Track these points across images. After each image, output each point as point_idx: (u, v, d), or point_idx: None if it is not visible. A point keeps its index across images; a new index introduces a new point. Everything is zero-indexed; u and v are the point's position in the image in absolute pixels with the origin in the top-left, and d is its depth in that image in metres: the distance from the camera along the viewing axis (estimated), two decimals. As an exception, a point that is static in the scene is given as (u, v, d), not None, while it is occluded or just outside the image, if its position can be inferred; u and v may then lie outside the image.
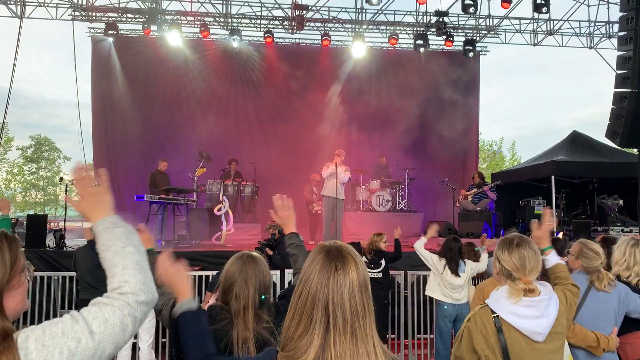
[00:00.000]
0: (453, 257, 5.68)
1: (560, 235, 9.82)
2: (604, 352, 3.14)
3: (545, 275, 2.79)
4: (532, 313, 2.28)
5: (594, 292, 3.33)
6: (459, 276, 5.64)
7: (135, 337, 5.99)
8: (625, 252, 3.60)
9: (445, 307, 5.70)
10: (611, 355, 3.22)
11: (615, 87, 12.99)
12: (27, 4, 13.60)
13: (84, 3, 13.93)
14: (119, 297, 1.32)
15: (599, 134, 13.66)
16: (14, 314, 1.34)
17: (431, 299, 6.38)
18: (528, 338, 2.27)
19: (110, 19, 14.25)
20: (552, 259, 2.85)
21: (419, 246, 5.89)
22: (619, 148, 13.14)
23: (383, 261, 6.40)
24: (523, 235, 2.53)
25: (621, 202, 11.59)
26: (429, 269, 6.00)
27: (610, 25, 15.34)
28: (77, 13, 14.10)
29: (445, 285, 5.68)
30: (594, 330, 3.22)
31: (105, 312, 1.28)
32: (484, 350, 2.29)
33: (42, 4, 13.73)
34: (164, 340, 6.64)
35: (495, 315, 2.32)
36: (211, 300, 5.52)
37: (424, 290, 6.28)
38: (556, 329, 2.34)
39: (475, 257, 5.89)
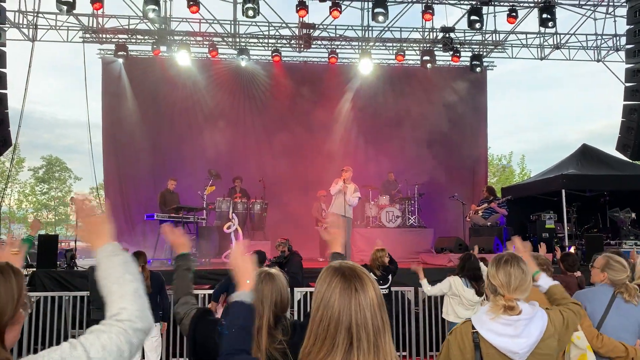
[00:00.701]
0: (475, 275, 5.61)
1: (572, 249, 9.72)
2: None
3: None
4: (509, 332, 2.26)
5: (619, 304, 3.31)
6: (481, 293, 5.57)
7: (143, 356, 5.97)
8: None
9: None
10: None
11: (625, 99, 12.97)
12: (38, 27, 13.84)
13: (95, 25, 14.15)
14: (116, 323, 1.36)
15: (608, 147, 13.61)
16: (10, 346, 1.39)
17: (443, 320, 6.31)
18: (506, 357, 2.26)
19: (120, 40, 14.47)
20: (544, 283, 2.82)
21: (427, 290, 5.91)
22: (630, 161, 13.06)
23: (390, 276, 6.37)
24: (516, 254, 2.52)
25: (634, 215, 11.47)
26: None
27: (618, 38, 15.33)
28: (87, 35, 14.32)
29: (463, 303, 5.61)
30: (621, 340, 3.20)
31: (102, 339, 1.31)
32: None
33: (53, 27, 13.97)
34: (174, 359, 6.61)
35: (474, 330, 2.33)
36: (219, 311, 5.50)
37: (435, 307, 6.23)
38: (541, 350, 2.30)
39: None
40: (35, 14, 13.67)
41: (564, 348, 2.61)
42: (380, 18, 12.59)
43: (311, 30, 14.08)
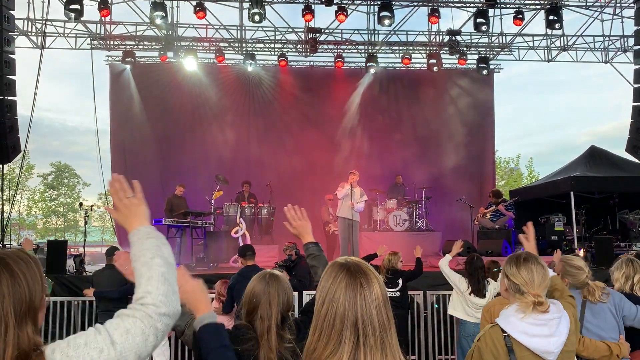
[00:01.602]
0: (478, 276, 5.57)
1: (581, 252, 9.65)
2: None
3: None
4: (542, 332, 2.24)
5: (590, 305, 3.36)
6: (484, 296, 5.53)
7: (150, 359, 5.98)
8: (622, 267, 3.72)
9: (467, 325, 5.59)
10: None
11: (634, 100, 12.88)
12: (47, 34, 13.96)
13: (102, 32, 14.26)
14: (140, 308, 1.34)
15: (617, 149, 13.51)
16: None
17: (452, 318, 6.28)
18: (539, 357, 2.24)
19: (128, 47, 14.57)
20: None
21: (444, 264, 5.86)
22: (639, 162, 12.96)
23: (400, 280, 6.34)
24: (531, 252, 2.55)
25: (644, 217, 11.39)
26: (450, 288, 5.91)
27: (625, 39, 15.25)
28: (95, 42, 14.44)
29: (468, 305, 5.58)
30: (602, 339, 3.24)
31: (126, 323, 1.30)
32: None
33: (61, 35, 14.10)
34: (182, 364, 6.62)
35: (505, 334, 2.28)
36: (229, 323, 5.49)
37: (444, 310, 6.19)
38: (567, 348, 2.31)
39: (495, 277, 5.79)
40: (44, 22, 13.80)
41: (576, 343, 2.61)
42: (387, 22, 12.60)
43: (317, 35, 14.11)
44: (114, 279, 6.25)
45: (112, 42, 14.61)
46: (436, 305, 7.27)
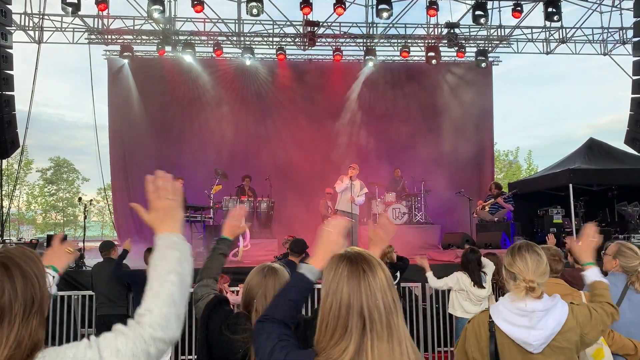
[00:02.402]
0: (474, 269, 5.61)
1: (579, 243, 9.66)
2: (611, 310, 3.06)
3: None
4: (523, 322, 2.27)
5: (631, 297, 3.25)
6: (483, 287, 5.57)
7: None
8: None
9: (464, 321, 5.61)
10: None
11: (633, 93, 12.90)
12: (44, 29, 13.92)
13: (100, 27, 14.22)
14: (136, 327, 1.29)
15: (616, 141, 13.52)
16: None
17: (450, 315, 6.30)
18: (520, 347, 2.27)
19: (126, 41, 14.52)
20: (591, 275, 2.78)
21: (433, 283, 5.90)
22: (638, 154, 12.97)
23: (398, 273, 6.35)
24: (529, 242, 2.54)
25: (642, 209, 11.40)
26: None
27: (624, 31, 15.21)
28: (93, 37, 14.39)
29: (470, 298, 5.61)
30: (631, 336, 3.14)
31: (119, 342, 1.25)
32: (473, 352, 2.34)
33: (59, 29, 14.05)
34: (183, 357, 6.64)
35: (490, 320, 2.35)
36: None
37: (442, 303, 6.22)
38: (559, 344, 2.29)
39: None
40: (41, 16, 13.76)
41: (589, 345, 2.55)
42: (385, 14, 12.56)
43: (315, 28, 14.08)
44: (116, 269, 6.32)
45: (109, 37, 14.56)
46: (436, 305, 7.29)
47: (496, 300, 5.29)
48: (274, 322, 1.61)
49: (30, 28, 13.77)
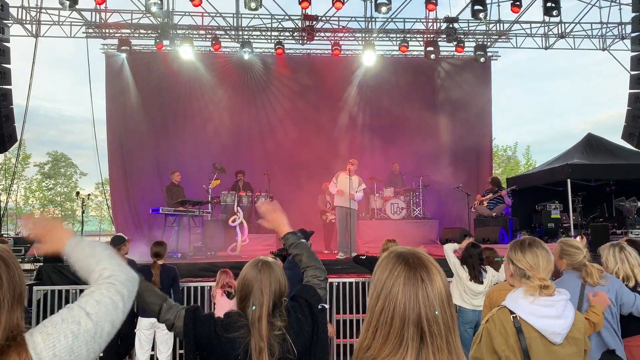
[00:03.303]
0: (474, 263, 5.61)
1: (578, 239, 9.69)
2: (599, 320, 3.13)
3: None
4: (550, 313, 2.27)
5: (590, 289, 3.32)
6: (481, 283, 5.57)
7: (153, 348, 6.01)
8: (616, 260, 3.67)
9: (466, 313, 5.62)
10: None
11: (630, 88, 12.91)
12: (41, 23, 13.86)
13: (97, 20, 14.16)
14: (102, 281, 1.46)
15: (614, 137, 13.54)
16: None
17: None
18: (545, 339, 2.26)
19: (123, 35, 14.47)
20: None
21: (449, 249, 5.89)
22: (636, 149, 12.99)
23: None
24: (535, 237, 2.54)
25: (639, 204, 11.42)
26: (450, 275, 5.93)
27: (623, 26, 15.19)
28: (90, 30, 14.34)
29: (466, 292, 5.61)
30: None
31: (94, 296, 1.41)
32: (504, 350, 2.27)
33: (56, 23, 13.99)
34: (181, 351, 6.64)
35: (514, 315, 2.31)
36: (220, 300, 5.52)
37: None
38: (573, 334, 2.32)
39: (496, 266, 5.82)
40: (38, 10, 13.70)
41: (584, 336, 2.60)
42: (384, 9, 12.52)
43: (314, 22, 14.04)
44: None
45: (107, 31, 14.51)
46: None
47: None
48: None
49: (28, 22, 13.72)
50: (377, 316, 1.34)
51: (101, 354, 1.38)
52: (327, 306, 2.37)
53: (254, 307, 2.20)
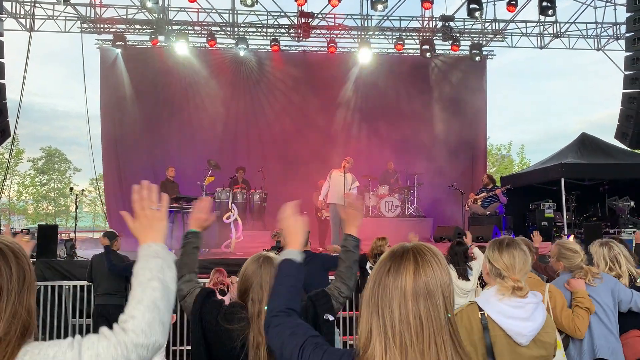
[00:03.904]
0: (459, 261, 5.61)
1: (571, 238, 9.74)
2: (588, 302, 3.19)
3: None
4: (519, 314, 2.28)
5: (590, 287, 3.34)
6: (468, 280, 5.57)
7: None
8: (607, 261, 3.66)
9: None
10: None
11: (624, 88, 12.96)
12: (36, 17, 13.77)
13: (92, 15, 14.08)
14: (119, 333, 1.30)
15: (608, 137, 13.60)
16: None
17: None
18: (510, 339, 2.27)
19: (118, 30, 14.41)
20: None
21: None
22: (629, 149, 13.06)
23: None
24: (515, 237, 2.56)
25: (632, 203, 11.48)
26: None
27: (618, 26, 15.27)
28: (85, 25, 14.26)
29: (455, 291, 5.60)
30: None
31: (100, 347, 1.27)
32: (465, 345, 2.29)
33: (51, 17, 13.90)
34: (174, 348, 6.64)
35: (482, 312, 2.32)
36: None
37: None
38: (542, 337, 2.31)
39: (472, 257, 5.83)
40: (33, 4, 13.61)
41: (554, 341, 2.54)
42: (380, 7, 12.52)
43: (310, 19, 14.02)
44: (113, 263, 6.31)
45: (102, 26, 14.44)
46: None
47: None
48: (287, 314, 1.56)
49: (22, 16, 13.63)
50: (364, 309, 1.34)
51: None
52: (332, 318, 2.31)
53: (253, 302, 2.21)
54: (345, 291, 2.43)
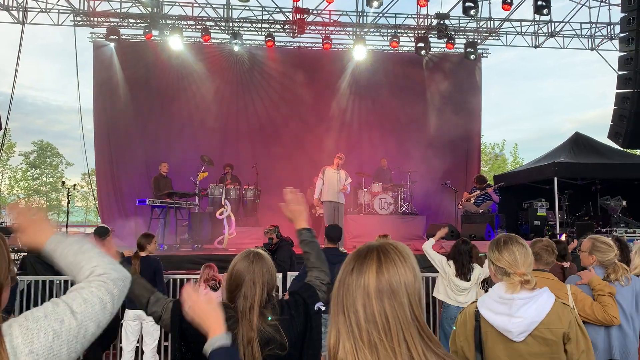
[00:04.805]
0: (464, 260, 5.57)
1: (563, 237, 9.79)
2: (610, 288, 3.22)
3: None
4: (503, 310, 2.31)
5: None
6: (468, 280, 5.55)
7: (139, 340, 5.98)
8: None
9: (450, 309, 5.62)
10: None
11: (618, 88, 13.00)
12: (28, 9, 13.64)
13: (85, 8, 13.97)
14: (94, 278, 1.38)
15: (601, 136, 13.67)
16: (2, 308, 1.40)
17: (434, 300, 6.31)
18: (503, 336, 2.30)
19: (112, 24, 14.29)
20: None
21: (428, 247, 5.87)
22: (622, 149, 13.12)
23: None
24: (510, 234, 2.57)
25: (624, 203, 11.55)
26: (433, 271, 5.93)
27: (612, 26, 15.33)
28: (78, 19, 14.14)
29: (451, 288, 5.60)
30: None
31: (83, 293, 1.33)
32: (461, 341, 2.40)
33: (43, 10, 13.78)
34: (166, 344, 6.61)
35: (476, 309, 2.40)
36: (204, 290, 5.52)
37: (428, 292, 6.22)
38: (542, 334, 2.28)
39: (479, 262, 5.82)
40: (25, -4, 13.48)
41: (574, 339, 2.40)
42: (375, 3, 12.51)
43: (305, 15, 13.97)
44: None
45: (95, 19, 14.32)
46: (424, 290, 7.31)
47: (485, 291, 5.32)
48: None
49: (14, 8, 13.50)
50: (332, 309, 1.33)
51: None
52: (324, 307, 2.34)
53: (245, 298, 2.20)
54: (325, 277, 2.49)
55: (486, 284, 5.92)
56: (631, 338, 3.29)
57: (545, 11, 12.83)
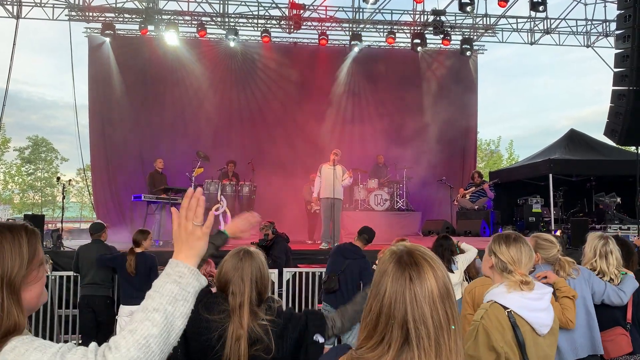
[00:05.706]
0: (445, 254, 5.60)
1: (558, 233, 9.82)
2: (572, 291, 3.21)
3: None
4: (540, 306, 2.30)
5: (568, 280, 3.37)
6: (453, 272, 5.57)
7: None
8: (596, 253, 3.67)
9: None
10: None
11: (614, 85, 13.00)
12: (23, 4, 13.54)
13: (81, 3, 13.89)
14: (110, 344, 1.22)
15: (597, 133, 13.69)
16: (30, 307, 1.33)
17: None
18: (533, 332, 2.28)
19: (107, 19, 14.21)
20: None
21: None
22: (617, 146, 13.16)
23: None
24: (519, 233, 2.57)
25: (619, 200, 11.61)
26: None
27: (608, 23, 15.35)
28: (73, 13, 14.05)
29: None
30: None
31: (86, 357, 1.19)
32: (502, 347, 2.23)
33: (38, 4, 13.69)
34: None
35: (508, 310, 2.28)
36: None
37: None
38: (554, 325, 2.37)
39: (460, 251, 5.82)
40: (20, -10, 13.38)
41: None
42: (371, 0, 12.47)
43: (301, 11, 13.95)
44: (102, 254, 6.29)
45: (91, 14, 14.24)
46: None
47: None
48: None
49: (8, 2, 13.40)
50: (367, 313, 1.32)
51: (79, 341, 1.32)
52: (322, 340, 2.25)
53: (234, 295, 2.20)
54: (338, 330, 2.36)
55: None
56: (595, 327, 3.34)
57: (541, 8, 12.85)
